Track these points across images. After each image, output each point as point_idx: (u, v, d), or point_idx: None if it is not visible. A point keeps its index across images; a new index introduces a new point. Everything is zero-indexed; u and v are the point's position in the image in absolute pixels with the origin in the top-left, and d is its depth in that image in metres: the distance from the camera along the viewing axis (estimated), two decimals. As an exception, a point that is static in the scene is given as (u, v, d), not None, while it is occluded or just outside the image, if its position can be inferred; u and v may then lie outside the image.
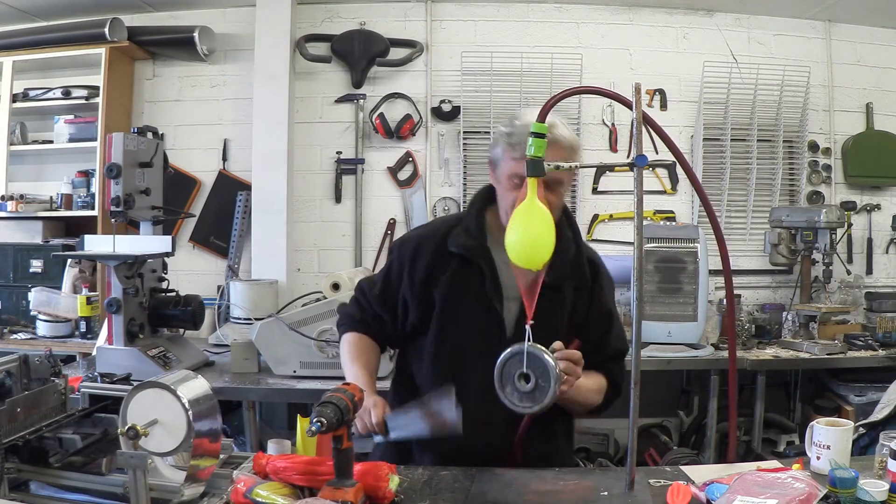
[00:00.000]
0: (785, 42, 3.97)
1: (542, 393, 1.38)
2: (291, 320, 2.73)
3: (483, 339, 1.66)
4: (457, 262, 1.70)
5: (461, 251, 1.70)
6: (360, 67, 3.82)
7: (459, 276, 1.69)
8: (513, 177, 1.62)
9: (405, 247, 1.79)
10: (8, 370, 1.44)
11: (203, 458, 1.30)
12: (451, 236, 1.72)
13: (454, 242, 1.71)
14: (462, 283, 1.69)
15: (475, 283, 1.68)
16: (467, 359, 1.67)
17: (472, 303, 1.68)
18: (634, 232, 1.39)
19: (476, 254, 1.69)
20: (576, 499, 1.38)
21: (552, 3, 3.94)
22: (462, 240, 1.71)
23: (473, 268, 1.69)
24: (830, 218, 3.44)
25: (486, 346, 1.62)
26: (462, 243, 1.70)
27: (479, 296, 1.67)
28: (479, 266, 1.68)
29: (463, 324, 1.68)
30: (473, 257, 1.69)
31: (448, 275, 1.70)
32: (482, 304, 1.67)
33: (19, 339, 3.43)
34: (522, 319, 1.60)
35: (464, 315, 1.69)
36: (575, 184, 3.89)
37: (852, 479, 1.30)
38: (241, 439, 3.02)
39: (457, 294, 1.69)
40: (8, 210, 3.72)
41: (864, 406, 3.07)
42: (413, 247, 1.76)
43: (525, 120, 1.61)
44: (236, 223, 3.89)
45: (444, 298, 1.69)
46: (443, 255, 1.71)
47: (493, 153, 1.71)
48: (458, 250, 1.70)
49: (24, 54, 3.76)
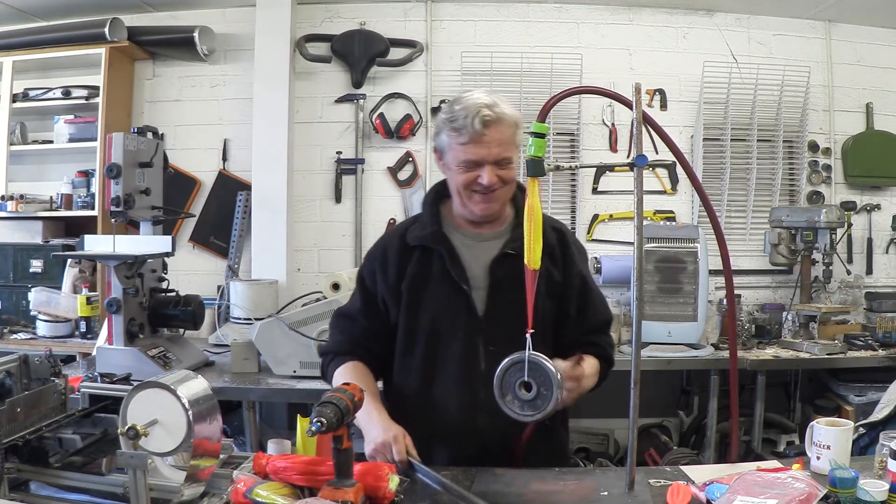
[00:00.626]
0: (785, 42, 3.96)
1: (545, 401, 1.38)
2: (291, 320, 2.72)
3: (454, 321, 1.67)
4: (418, 254, 1.71)
5: (418, 242, 1.71)
6: (360, 67, 3.82)
7: (421, 265, 1.70)
8: (464, 163, 1.62)
9: (372, 257, 1.79)
10: (8, 370, 1.44)
11: (203, 458, 1.30)
12: (409, 232, 1.74)
13: (411, 236, 1.73)
14: (425, 271, 1.70)
15: (438, 268, 1.68)
16: (441, 343, 1.67)
17: (438, 287, 1.68)
18: (634, 232, 1.39)
19: (433, 240, 1.70)
20: (576, 499, 1.38)
21: (552, 3, 3.93)
22: (417, 231, 1.73)
23: (433, 254, 1.70)
24: (830, 218, 3.44)
25: (459, 326, 1.66)
26: (417, 234, 1.72)
27: (443, 279, 1.67)
28: (439, 251, 1.69)
29: (432, 308, 1.68)
30: (431, 244, 1.70)
31: (411, 266, 1.71)
32: (448, 286, 1.67)
33: (19, 339, 3.43)
34: (492, 295, 1.67)
35: (431, 300, 1.69)
36: (575, 183, 3.89)
37: (852, 479, 1.30)
38: (241, 439, 3.02)
39: (422, 282, 1.69)
40: (8, 210, 3.71)
41: (864, 406, 3.07)
42: (380, 253, 1.77)
43: (465, 102, 1.61)
44: (236, 223, 3.89)
45: (410, 289, 1.70)
46: (406, 251, 1.72)
47: (438, 142, 1.69)
48: (415, 242, 1.72)
49: (24, 54, 3.76)
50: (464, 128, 1.58)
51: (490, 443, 1.62)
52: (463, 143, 1.60)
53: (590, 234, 3.91)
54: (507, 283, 1.63)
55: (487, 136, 1.58)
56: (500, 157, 1.61)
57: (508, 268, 1.63)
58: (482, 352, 1.65)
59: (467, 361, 1.64)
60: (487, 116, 1.58)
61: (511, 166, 1.65)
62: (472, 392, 1.62)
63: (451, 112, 1.63)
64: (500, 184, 1.64)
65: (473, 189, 1.64)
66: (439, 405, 1.66)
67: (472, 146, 1.59)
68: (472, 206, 1.66)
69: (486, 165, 1.60)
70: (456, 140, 1.61)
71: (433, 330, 1.68)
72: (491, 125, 1.58)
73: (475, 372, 1.63)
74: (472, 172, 1.62)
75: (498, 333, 1.62)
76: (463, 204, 1.68)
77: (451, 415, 1.64)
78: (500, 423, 1.58)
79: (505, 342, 1.57)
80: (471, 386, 1.63)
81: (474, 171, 1.62)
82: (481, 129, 1.58)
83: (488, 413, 1.58)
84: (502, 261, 1.68)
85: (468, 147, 1.60)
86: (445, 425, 1.60)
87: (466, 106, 1.60)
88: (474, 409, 1.62)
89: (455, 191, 1.68)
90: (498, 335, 1.61)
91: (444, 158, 1.68)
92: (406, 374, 1.71)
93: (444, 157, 1.69)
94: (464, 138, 1.59)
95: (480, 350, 1.65)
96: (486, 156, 1.60)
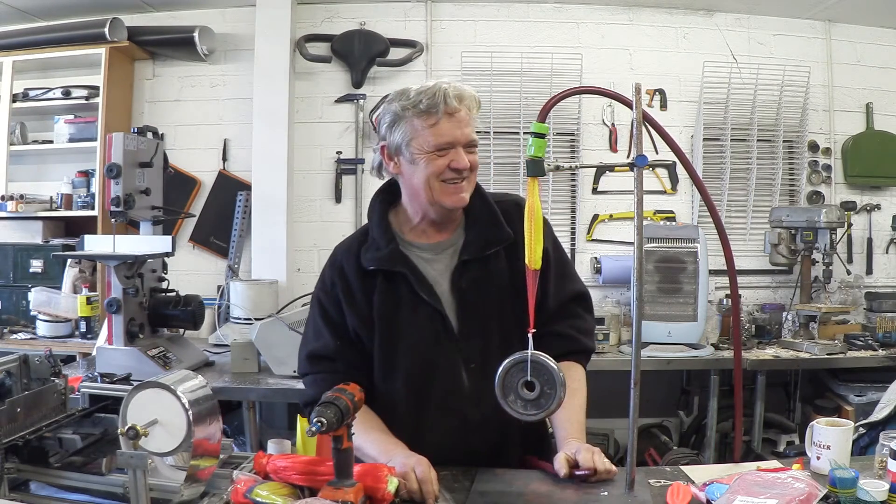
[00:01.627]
0: (785, 42, 3.97)
1: (549, 399, 1.38)
2: (291, 320, 2.72)
3: (436, 346, 1.57)
4: (381, 279, 1.58)
5: (377, 265, 1.57)
6: (360, 67, 3.82)
7: (388, 291, 1.57)
8: (436, 147, 1.50)
9: (331, 283, 1.62)
10: (8, 370, 1.44)
11: (203, 458, 1.30)
12: (362, 254, 1.59)
13: (367, 259, 1.58)
14: (394, 297, 1.57)
15: (406, 291, 1.56)
16: (425, 371, 1.58)
17: (411, 313, 1.57)
18: (634, 232, 1.39)
19: (392, 262, 1.57)
20: (576, 499, 1.38)
21: (552, 3, 3.94)
22: (373, 254, 1.58)
23: (397, 278, 1.57)
24: (830, 218, 3.44)
25: (441, 352, 1.57)
26: (374, 258, 1.57)
27: (414, 303, 1.56)
28: (402, 273, 1.56)
29: (411, 336, 1.57)
30: (391, 266, 1.56)
31: (378, 293, 1.57)
32: (422, 310, 1.56)
33: (19, 339, 3.43)
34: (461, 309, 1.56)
35: (407, 328, 1.57)
36: (575, 183, 3.89)
37: (852, 479, 1.30)
38: (241, 439, 3.02)
39: (393, 309, 1.56)
40: (8, 210, 3.72)
41: (864, 406, 3.07)
42: (339, 278, 1.61)
43: (423, 87, 1.52)
44: (236, 223, 3.89)
45: (381, 318, 1.57)
46: (365, 276, 1.58)
47: (393, 138, 1.55)
48: (374, 266, 1.57)
49: (24, 54, 3.77)
50: (434, 107, 1.49)
51: (484, 459, 1.57)
52: (433, 125, 1.50)
53: (590, 234, 3.91)
54: (472, 291, 1.57)
55: (461, 113, 1.51)
56: (471, 137, 1.54)
57: (468, 275, 1.57)
58: (463, 371, 1.57)
59: (451, 383, 1.57)
60: (457, 91, 1.51)
61: (476, 151, 1.57)
62: (461, 413, 1.57)
63: (410, 98, 1.52)
64: (469, 170, 1.54)
65: (444, 179, 1.52)
66: (428, 430, 1.58)
67: (446, 125, 1.49)
68: (445, 198, 1.54)
69: (460, 147, 1.52)
70: (426, 122, 1.50)
71: (414, 359, 1.58)
72: (463, 101, 1.52)
73: (461, 392, 1.57)
74: (445, 158, 1.51)
75: (475, 348, 1.56)
76: (431, 200, 1.55)
77: (442, 438, 1.57)
78: (492, 439, 1.59)
79: (483, 355, 1.56)
80: (459, 407, 1.57)
81: (447, 157, 1.51)
82: (455, 105, 1.49)
83: (480, 432, 1.57)
84: (463, 269, 1.58)
85: (441, 127, 1.50)
86: (438, 449, 1.51)
87: (428, 87, 1.51)
88: (464, 430, 1.57)
89: (420, 187, 1.54)
90: (475, 350, 1.56)
91: (405, 153, 1.54)
92: (388, 399, 1.60)
93: (403, 153, 1.55)
94: (434, 119, 1.49)
95: (462, 370, 1.57)
96: (460, 136, 1.51)
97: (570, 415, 1.55)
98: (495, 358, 1.41)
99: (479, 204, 1.63)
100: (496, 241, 1.60)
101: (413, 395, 1.58)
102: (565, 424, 1.54)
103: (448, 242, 1.63)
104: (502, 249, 1.60)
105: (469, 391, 1.57)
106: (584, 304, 1.71)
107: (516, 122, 3.80)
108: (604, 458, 1.43)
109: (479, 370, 1.56)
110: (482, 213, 1.62)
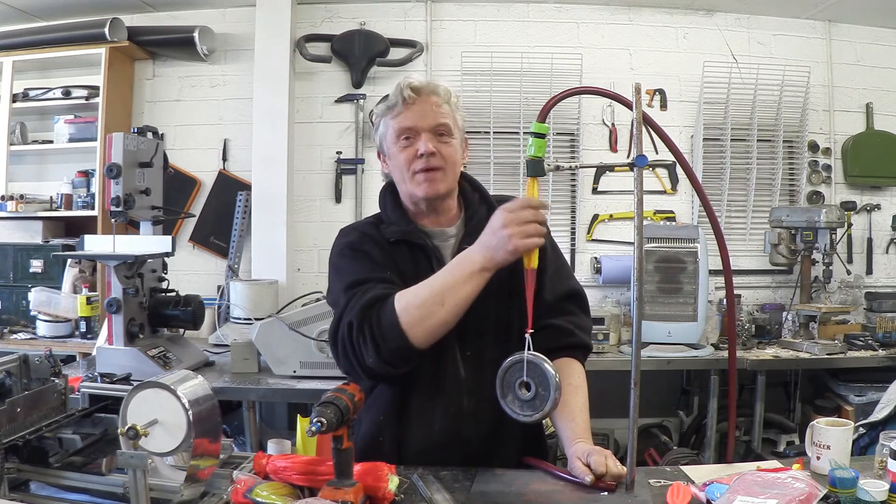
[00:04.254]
0: (785, 42, 3.97)
1: (543, 401, 1.38)
2: (291, 320, 2.72)
3: None
4: (404, 248, 1.60)
5: (403, 237, 1.60)
6: (360, 67, 3.82)
7: (410, 259, 1.60)
8: (399, 135, 1.57)
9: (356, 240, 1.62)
10: (8, 370, 1.44)
11: (203, 458, 1.30)
12: (383, 230, 1.62)
13: (389, 232, 1.61)
14: (415, 266, 1.59)
15: (424, 264, 1.59)
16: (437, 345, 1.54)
17: None
18: (634, 232, 1.39)
19: (415, 235, 1.60)
20: (576, 499, 1.38)
21: (552, 3, 3.94)
22: (395, 228, 1.61)
23: (417, 249, 1.60)
24: (830, 218, 3.44)
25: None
26: (397, 230, 1.61)
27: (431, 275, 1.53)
28: (422, 248, 1.60)
29: None
30: (414, 239, 1.60)
31: (401, 262, 1.59)
32: None
33: (19, 339, 3.43)
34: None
35: None
36: (575, 183, 3.89)
37: (852, 479, 1.30)
38: (241, 439, 3.02)
39: (412, 278, 1.53)
40: (8, 210, 3.72)
41: (864, 406, 3.07)
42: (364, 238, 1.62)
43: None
44: (236, 223, 3.89)
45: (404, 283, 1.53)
46: (389, 245, 1.61)
47: (377, 138, 1.65)
48: (398, 237, 1.60)
49: (24, 54, 3.77)
50: (395, 101, 1.58)
51: (476, 452, 1.56)
52: (396, 116, 1.57)
53: (590, 234, 3.91)
54: None
55: (419, 102, 1.56)
56: (437, 122, 1.56)
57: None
58: (459, 358, 1.57)
59: (446, 369, 1.56)
60: (414, 83, 1.58)
61: (451, 141, 1.58)
62: (456, 401, 1.56)
63: (386, 100, 1.63)
64: (440, 159, 1.55)
65: (415, 169, 1.56)
66: (419, 413, 1.57)
67: (406, 114, 1.56)
68: (415, 187, 1.57)
69: (422, 133, 1.55)
70: (390, 116, 1.59)
71: None
72: (421, 91, 1.57)
73: (456, 380, 1.56)
74: (412, 147, 1.56)
75: (472, 336, 1.56)
76: (409, 191, 1.59)
77: (433, 422, 1.56)
78: (485, 431, 1.57)
79: (479, 344, 1.56)
80: (453, 395, 1.56)
81: (412, 145, 1.56)
82: (412, 95, 1.56)
83: (475, 422, 1.56)
84: None
85: (402, 117, 1.56)
86: (429, 433, 1.52)
87: (396, 84, 1.60)
88: (458, 419, 1.56)
89: (399, 180, 1.61)
90: (472, 338, 1.56)
91: (385, 150, 1.63)
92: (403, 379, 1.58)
93: (385, 151, 1.64)
94: (396, 110, 1.57)
95: (458, 356, 1.57)
96: (420, 121, 1.55)
97: (573, 414, 1.53)
98: (490, 348, 1.43)
99: (477, 199, 1.68)
100: None
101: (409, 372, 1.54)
102: (570, 424, 1.52)
103: (449, 233, 1.65)
104: None
105: (465, 380, 1.57)
106: (580, 303, 1.70)
107: (516, 122, 3.80)
108: (615, 461, 1.41)
109: (474, 359, 1.56)
110: (481, 209, 1.65)
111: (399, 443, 1.58)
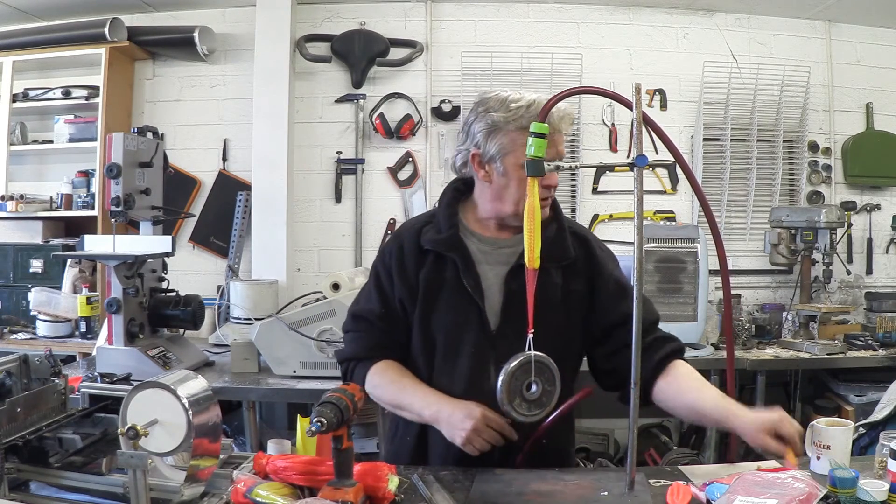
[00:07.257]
0: (785, 42, 3.97)
1: (550, 397, 1.38)
2: (291, 320, 2.73)
3: (465, 335, 1.59)
4: (432, 257, 1.62)
5: (432, 246, 1.61)
6: (360, 67, 3.82)
7: (435, 270, 1.61)
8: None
9: (389, 253, 1.68)
10: (8, 370, 1.44)
11: (203, 458, 1.30)
12: (423, 233, 1.64)
13: (425, 238, 1.63)
14: (439, 277, 1.61)
15: (451, 275, 1.60)
16: (450, 357, 1.60)
17: (451, 296, 1.60)
18: (634, 232, 1.39)
19: (447, 247, 1.60)
20: (576, 499, 1.38)
21: (552, 3, 3.94)
22: (432, 235, 1.63)
23: (447, 262, 1.61)
24: (830, 218, 3.44)
25: (469, 341, 1.58)
26: (432, 238, 1.62)
27: (456, 289, 1.59)
28: (453, 259, 1.60)
29: (444, 319, 1.60)
30: (445, 250, 1.60)
31: (424, 271, 1.62)
32: (461, 296, 1.59)
33: (19, 339, 3.43)
34: (506, 309, 1.59)
35: (443, 310, 1.60)
36: (575, 183, 3.90)
37: (852, 479, 1.30)
38: (241, 439, 3.02)
39: (436, 288, 1.61)
40: (8, 210, 3.72)
41: (864, 406, 3.07)
42: (397, 250, 1.66)
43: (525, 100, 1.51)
44: (236, 223, 3.89)
45: (423, 297, 1.61)
46: (420, 253, 1.63)
47: (490, 148, 1.55)
48: (429, 246, 1.62)
49: (24, 54, 3.77)
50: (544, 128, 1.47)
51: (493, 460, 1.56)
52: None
53: (590, 234, 3.90)
54: (522, 294, 1.51)
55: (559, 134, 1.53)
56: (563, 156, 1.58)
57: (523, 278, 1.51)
58: (492, 370, 1.54)
59: (476, 378, 1.57)
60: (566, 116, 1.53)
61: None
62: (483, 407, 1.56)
63: (510, 110, 1.52)
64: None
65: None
66: None
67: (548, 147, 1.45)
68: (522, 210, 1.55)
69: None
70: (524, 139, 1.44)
71: (443, 342, 1.61)
72: (570, 123, 1.56)
73: (483, 389, 1.54)
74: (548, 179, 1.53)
75: (511, 351, 1.51)
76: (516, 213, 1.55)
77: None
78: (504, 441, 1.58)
79: None
80: (482, 401, 1.54)
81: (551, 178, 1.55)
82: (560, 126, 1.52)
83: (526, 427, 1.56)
84: (518, 272, 1.54)
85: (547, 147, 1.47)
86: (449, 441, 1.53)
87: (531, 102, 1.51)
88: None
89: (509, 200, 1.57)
90: (509, 351, 1.51)
91: (498, 164, 1.55)
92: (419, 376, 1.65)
93: (496, 163, 1.56)
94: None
95: (491, 368, 1.55)
96: (556, 155, 1.53)
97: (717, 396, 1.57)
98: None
99: (551, 217, 1.65)
100: (558, 257, 1.61)
101: (435, 381, 1.61)
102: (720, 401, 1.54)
103: (508, 242, 1.64)
104: (560, 267, 1.63)
105: (492, 391, 1.52)
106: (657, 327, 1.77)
107: (516, 122, 3.80)
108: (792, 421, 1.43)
109: None
110: (551, 228, 1.63)
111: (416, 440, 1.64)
